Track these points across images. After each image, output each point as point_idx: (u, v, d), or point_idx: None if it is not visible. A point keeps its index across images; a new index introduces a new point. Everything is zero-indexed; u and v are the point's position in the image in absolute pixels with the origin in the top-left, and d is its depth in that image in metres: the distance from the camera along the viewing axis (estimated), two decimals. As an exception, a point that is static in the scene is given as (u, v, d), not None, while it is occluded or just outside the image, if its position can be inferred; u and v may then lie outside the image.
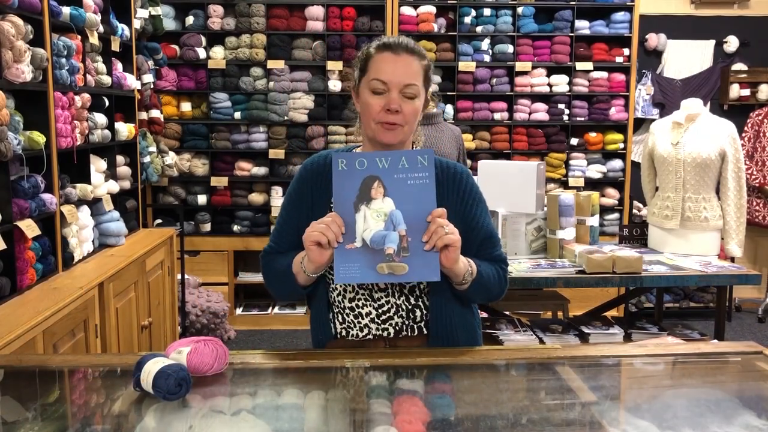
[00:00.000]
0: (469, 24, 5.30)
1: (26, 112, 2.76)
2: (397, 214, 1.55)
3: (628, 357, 1.70)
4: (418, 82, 1.64)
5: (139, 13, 4.45)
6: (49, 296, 2.60)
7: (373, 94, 1.63)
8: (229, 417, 1.35)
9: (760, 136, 5.43)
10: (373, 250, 1.54)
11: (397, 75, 1.62)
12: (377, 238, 1.54)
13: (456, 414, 1.40)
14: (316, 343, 1.78)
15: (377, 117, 1.63)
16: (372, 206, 1.55)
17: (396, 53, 1.64)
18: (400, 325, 1.69)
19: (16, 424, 1.31)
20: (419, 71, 1.65)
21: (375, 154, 1.56)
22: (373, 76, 1.63)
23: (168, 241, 3.92)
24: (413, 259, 1.54)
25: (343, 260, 1.54)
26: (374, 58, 1.65)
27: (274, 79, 5.25)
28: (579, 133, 5.46)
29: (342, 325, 1.72)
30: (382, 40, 1.68)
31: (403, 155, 1.57)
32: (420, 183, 1.56)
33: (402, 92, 1.62)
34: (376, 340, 1.70)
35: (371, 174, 1.56)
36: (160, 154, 4.97)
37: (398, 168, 1.56)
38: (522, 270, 3.03)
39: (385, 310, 1.69)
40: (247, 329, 5.22)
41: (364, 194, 1.55)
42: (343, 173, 1.55)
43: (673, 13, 5.68)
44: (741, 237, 3.44)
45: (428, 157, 1.56)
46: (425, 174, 1.56)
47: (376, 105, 1.63)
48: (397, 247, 1.54)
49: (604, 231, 5.36)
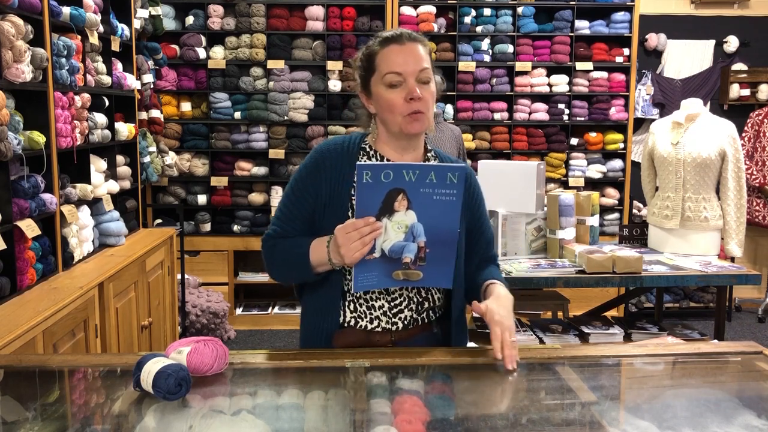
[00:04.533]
0: (469, 24, 5.30)
1: (26, 112, 2.76)
2: (418, 227, 1.54)
3: (628, 357, 1.70)
4: (428, 65, 1.66)
5: (139, 13, 4.45)
6: (49, 296, 2.60)
7: (389, 88, 1.64)
8: (229, 417, 1.35)
9: (760, 136, 5.43)
10: (390, 259, 1.56)
11: (410, 63, 1.63)
12: (396, 248, 1.55)
13: (456, 414, 1.40)
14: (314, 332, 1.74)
15: (402, 109, 1.63)
16: (394, 218, 1.53)
17: (401, 44, 1.65)
18: (409, 318, 1.72)
19: (16, 424, 1.31)
20: (426, 55, 1.67)
21: (402, 166, 1.50)
22: (386, 70, 1.64)
23: (168, 241, 3.92)
24: (428, 267, 1.57)
25: (361, 270, 1.56)
26: (381, 53, 1.66)
27: (274, 79, 5.25)
28: (579, 133, 5.47)
29: (353, 314, 1.72)
30: (381, 35, 1.69)
31: (433, 170, 1.51)
32: (446, 200, 1.53)
33: (418, 79, 1.64)
34: (384, 333, 1.71)
35: (396, 187, 1.51)
36: (160, 154, 4.97)
37: (425, 182, 1.51)
38: (522, 270, 3.03)
39: (398, 304, 1.71)
40: (247, 329, 5.22)
41: (387, 206, 1.52)
42: (367, 186, 1.49)
43: (673, 13, 5.68)
44: (741, 237, 3.44)
45: (458, 175, 1.52)
46: (453, 191, 1.52)
47: (398, 97, 1.63)
48: (414, 257, 1.55)
49: (604, 231, 5.36)
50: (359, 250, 1.52)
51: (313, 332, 1.74)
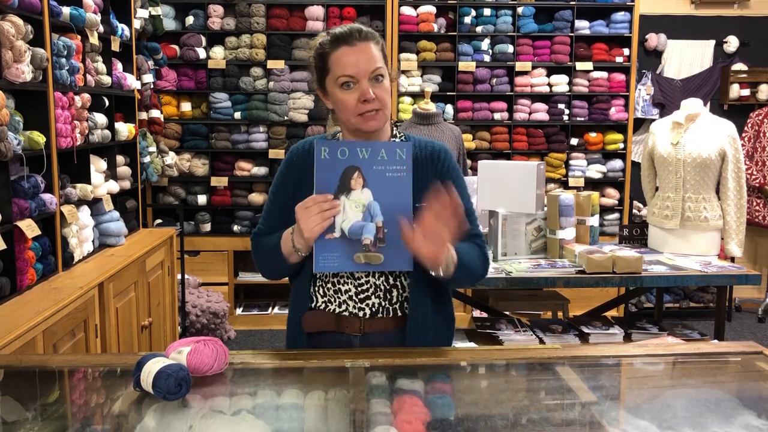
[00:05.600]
0: (469, 24, 5.30)
1: (26, 112, 2.76)
2: (374, 205, 1.59)
3: (628, 357, 1.70)
4: (381, 63, 1.66)
5: (139, 13, 4.45)
6: (49, 296, 2.60)
7: (343, 89, 1.65)
8: (229, 417, 1.35)
9: (760, 136, 5.43)
10: (350, 240, 1.60)
11: (361, 64, 1.63)
12: (355, 228, 1.59)
13: (456, 414, 1.40)
14: (292, 320, 1.79)
15: (356, 110, 1.65)
16: (351, 197, 1.59)
17: (352, 45, 1.65)
18: (377, 306, 1.72)
19: (16, 424, 1.31)
20: (378, 53, 1.67)
21: (356, 144, 1.61)
22: (338, 73, 1.64)
23: (168, 241, 3.92)
24: (388, 249, 1.60)
25: (322, 249, 1.59)
26: (333, 55, 1.66)
27: (274, 79, 5.25)
28: (579, 133, 5.46)
29: (323, 299, 1.75)
30: (333, 33, 1.69)
31: (383, 147, 1.60)
32: (397, 176, 1.60)
33: (371, 78, 1.64)
34: (352, 318, 1.72)
35: (352, 164, 1.59)
36: (160, 154, 4.97)
37: (377, 159, 1.60)
38: (522, 270, 3.03)
39: (364, 290, 1.71)
40: (247, 329, 5.22)
41: (344, 184, 1.59)
42: (325, 162, 1.59)
43: (673, 13, 5.68)
44: (741, 237, 3.44)
45: (406, 151, 1.60)
46: (403, 167, 1.60)
47: (351, 99, 1.64)
48: (373, 238, 1.59)
49: (604, 231, 5.36)
50: (319, 224, 1.55)
51: (292, 319, 1.79)
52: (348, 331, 1.72)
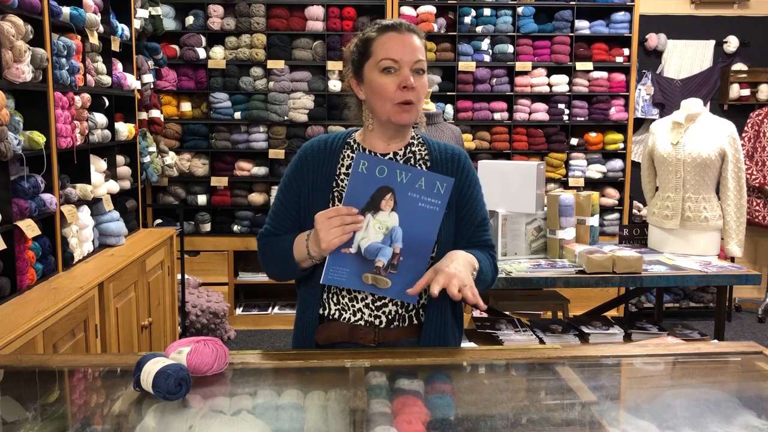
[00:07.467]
0: (469, 24, 5.30)
1: (26, 112, 2.76)
2: (398, 231, 1.56)
3: (628, 357, 1.70)
4: (423, 57, 1.67)
5: (139, 13, 4.45)
6: (49, 296, 2.60)
7: (384, 74, 1.64)
8: (229, 417, 1.35)
9: (760, 136, 5.43)
10: (364, 259, 1.57)
11: (407, 52, 1.63)
12: (372, 249, 1.56)
13: (456, 414, 1.40)
14: (301, 325, 1.75)
15: (394, 96, 1.63)
16: (377, 217, 1.56)
17: (400, 32, 1.66)
18: (393, 313, 1.69)
19: (16, 424, 1.31)
20: (422, 47, 1.68)
21: (397, 165, 1.55)
22: (382, 56, 1.64)
23: (168, 241, 3.92)
24: (397, 277, 1.57)
25: (333, 262, 1.57)
26: (378, 39, 1.66)
27: (274, 79, 5.25)
28: (579, 133, 5.47)
29: (336, 307, 1.71)
30: (380, 22, 1.70)
31: (424, 176, 1.56)
32: (429, 209, 1.56)
33: (413, 69, 1.64)
34: (367, 328, 1.69)
35: (387, 185, 1.55)
36: (160, 154, 4.97)
37: (414, 187, 1.55)
38: (522, 270, 3.03)
39: (382, 296, 1.68)
40: (247, 329, 5.22)
41: (374, 203, 1.55)
42: (361, 175, 1.54)
43: (673, 13, 5.68)
44: (741, 237, 3.44)
45: (446, 186, 1.56)
46: (437, 201, 1.56)
47: (391, 84, 1.63)
48: (387, 263, 1.56)
49: (604, 231, 5.36)
50: (338, 236, 1.52)
51: (300, 325, 1.76)
52: (362, 341, 1.69)
